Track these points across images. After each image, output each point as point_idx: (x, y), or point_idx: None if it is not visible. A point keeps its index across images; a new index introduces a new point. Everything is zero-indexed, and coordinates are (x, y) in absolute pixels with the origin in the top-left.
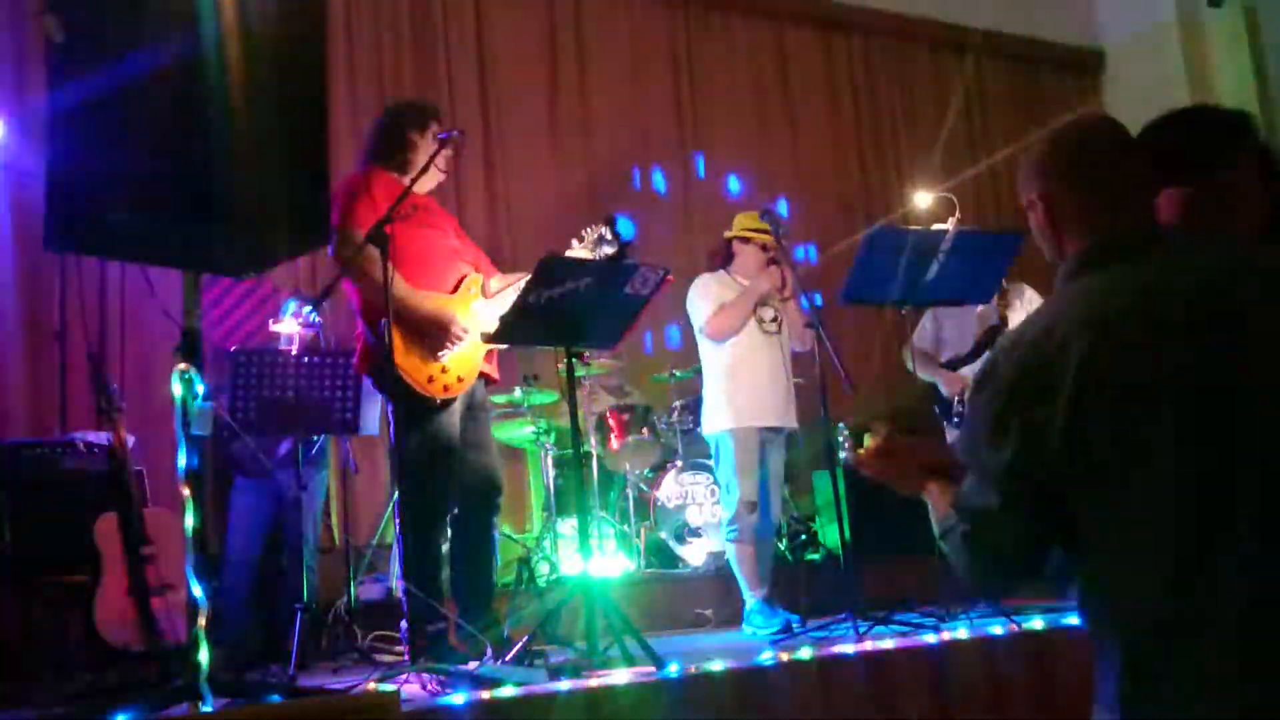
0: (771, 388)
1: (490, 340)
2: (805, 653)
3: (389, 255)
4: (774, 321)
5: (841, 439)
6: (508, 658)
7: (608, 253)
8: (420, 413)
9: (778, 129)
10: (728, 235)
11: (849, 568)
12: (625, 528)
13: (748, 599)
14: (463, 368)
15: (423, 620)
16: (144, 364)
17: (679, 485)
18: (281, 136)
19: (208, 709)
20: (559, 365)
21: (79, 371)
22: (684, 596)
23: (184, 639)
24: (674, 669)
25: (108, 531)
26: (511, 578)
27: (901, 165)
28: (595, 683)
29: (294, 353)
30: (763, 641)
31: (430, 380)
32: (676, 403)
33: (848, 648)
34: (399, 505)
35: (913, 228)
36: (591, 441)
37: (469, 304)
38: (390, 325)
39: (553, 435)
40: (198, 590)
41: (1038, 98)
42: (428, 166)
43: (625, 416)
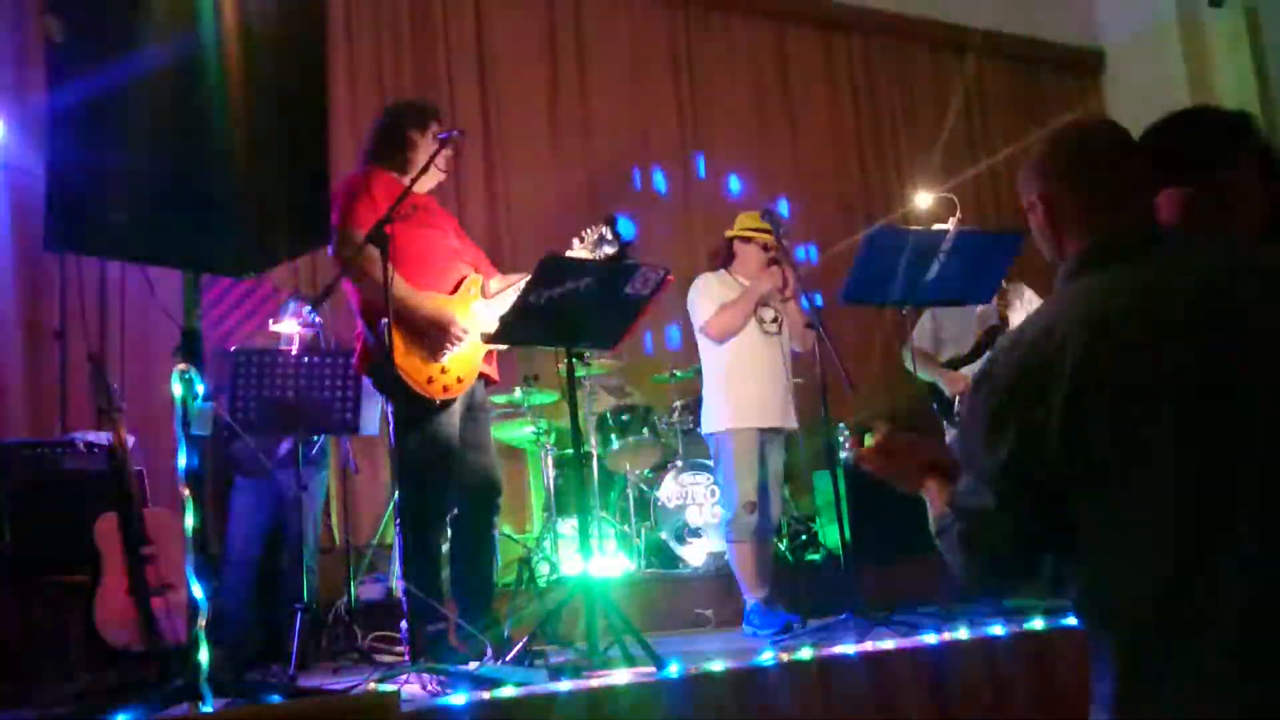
0: (771, 388)
1: (490, 340)
2: (805, 653)
3: (389, 255)
4: (774, 322)
5: (842, 439)
6: (508, 658)
7: (608, 253)
8: (420, 413)
9: (778, 129)
10: (729, 234)
11: (849, 568)
12: (625, 528)
13: (748, 599)
14: (462, 368)
15: (423, 620)
16: (144, 364)
17: (679, 485)
18: (281, 136)
19: (208, 709)
20: (559, 365)
21: (79, 371)
22: (684, 597)
23: (184, 639)
24: (674, 669)
25: (108, 531)
26: (512, 578)
27: (901, 165)
28: (595, 683)
29: (294, 353)
30: (763, 641)
31: (430, 381)
32: (676, 403)
33: (848, 648)
34: (399, 505)
35: (913, 228)
36: (592, 441)
37: (469, 304)
38: (390, 325)
39: (553, 435)
40: (198, 590)
41: (1038, 98)
42: (428, 166)
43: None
